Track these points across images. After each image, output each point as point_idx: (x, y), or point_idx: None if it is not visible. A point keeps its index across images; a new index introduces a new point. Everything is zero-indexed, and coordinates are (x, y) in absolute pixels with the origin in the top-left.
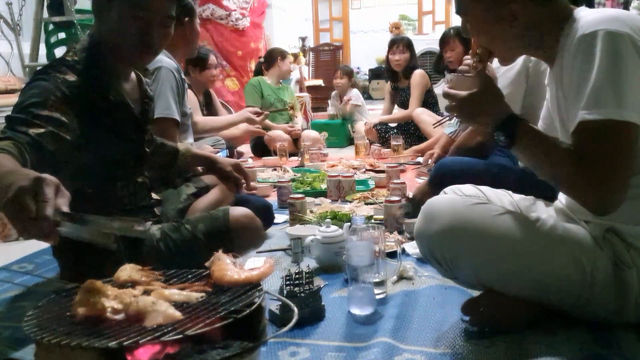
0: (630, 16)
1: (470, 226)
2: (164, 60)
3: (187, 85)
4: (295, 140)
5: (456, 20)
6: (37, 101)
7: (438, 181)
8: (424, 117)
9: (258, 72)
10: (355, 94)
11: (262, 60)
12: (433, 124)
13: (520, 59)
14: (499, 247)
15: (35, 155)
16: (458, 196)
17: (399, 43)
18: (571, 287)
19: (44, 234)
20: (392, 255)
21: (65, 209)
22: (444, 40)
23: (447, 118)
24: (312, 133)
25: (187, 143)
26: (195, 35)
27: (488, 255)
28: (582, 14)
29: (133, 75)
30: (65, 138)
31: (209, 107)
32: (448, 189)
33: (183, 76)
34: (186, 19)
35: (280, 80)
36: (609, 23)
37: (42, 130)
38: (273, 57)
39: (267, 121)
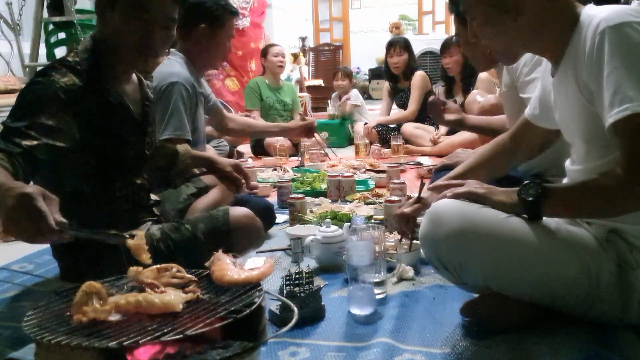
0: None
1: (479, 229)
2: (181, 74)
3: (202, 99)
4: (296, 144)
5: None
6: (33, 109)
7: None
8: (409, 129)
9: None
10: (354, 94)
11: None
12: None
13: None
14: (509, 251)
15: (28, 165)
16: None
17: (396, 45)
18: (578, 289)
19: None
20: None
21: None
22: (444, 48)
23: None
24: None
25: (186, 145)
26: (216, 46)
27: (497, 258)
28: (594, 11)
29: (134, 77)
30: (61, 146)
31: None
32: None
33: (201, 89)
34: (202, 25)
35: (281, 78)
36: (633, 15)
37: (35, 142)
38: (262, 59)
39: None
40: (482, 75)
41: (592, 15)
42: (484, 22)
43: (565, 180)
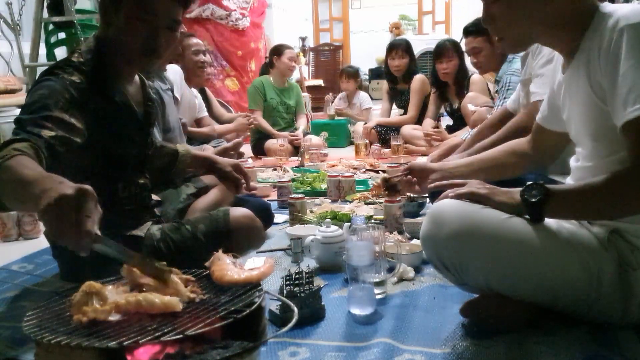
0: None
1: (480, 230)
2: None
3: (169, 94)
4: (297, 147)
5: (456, 21)
6: (47, 103)
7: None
8: (408, 130)
9: (264, 73)
10: (365, 98)
11: (267, 60)
12: None
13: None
14: (510, 251)
15: (48, 157)
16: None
17: (398, 48)
18: (579, 290)
19: (81, 247)
20: None
21: (97, 227)
22: (440, 52)
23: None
24: (314, 139)
25: (185, 144)
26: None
27: (498, 259)
28: (611, 7)
29: (137, 77)
30: (74, 141)
31: (205, 106)
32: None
33: (166, 85)
34: None
35: (287, 78)
36: None
37: (53, 133)
38: (271, 58)
39: (269, 127)
40: (475, 77)
41: (610, 12)
42: (514, 6)
43: (569, 178)
